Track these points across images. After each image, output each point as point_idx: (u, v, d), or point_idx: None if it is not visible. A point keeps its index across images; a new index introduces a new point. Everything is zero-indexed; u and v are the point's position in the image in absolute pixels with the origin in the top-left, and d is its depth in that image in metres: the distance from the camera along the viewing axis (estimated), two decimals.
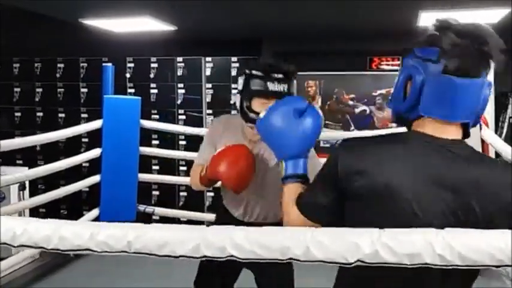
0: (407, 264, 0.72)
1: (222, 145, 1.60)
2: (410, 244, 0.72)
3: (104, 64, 3.77)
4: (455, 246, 0.71)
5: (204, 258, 0.78)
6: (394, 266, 0.72)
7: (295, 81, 1.57)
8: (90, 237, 0.79)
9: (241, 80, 1.58)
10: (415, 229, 0.75)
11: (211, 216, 4.02)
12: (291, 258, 0.75)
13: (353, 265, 0.73)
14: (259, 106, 1.52)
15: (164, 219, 4.20)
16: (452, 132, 0.91)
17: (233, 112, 3.86)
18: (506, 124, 4.22)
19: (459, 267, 0.72)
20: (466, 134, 0.94)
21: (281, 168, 1.10)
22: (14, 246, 0.81)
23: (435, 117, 0.90)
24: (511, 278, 2.79)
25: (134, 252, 0.78)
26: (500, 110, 3.96)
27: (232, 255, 0.76)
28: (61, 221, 0.84)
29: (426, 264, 0.72)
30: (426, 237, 0.73)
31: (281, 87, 1.51)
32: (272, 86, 1.50)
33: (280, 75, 1.52)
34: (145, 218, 4.15)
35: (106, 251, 0.79)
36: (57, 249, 0.80)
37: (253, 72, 1.54)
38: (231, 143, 1.58)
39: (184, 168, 4.34)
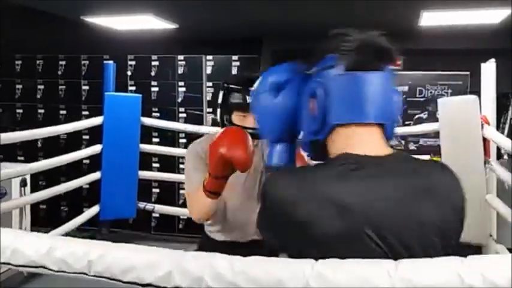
0: None
1: None
2: (433, 275, 0.60)
3: (105, 62, 3.78)
4: (488, 275, 0.60)
5: None
6: None
7: None
8: (47, 252, 0.70)
9: (220, 94, 1.58)
10: (435, 258, 0.65)
11: None
12: None
13: None
14: (239, 119, 1.51)
15: (164, 217, 4.21)
16: (374, 142, 0.83)
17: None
18: (507, 125, 4.21)
19: None
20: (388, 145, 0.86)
21: None
22: None
23: (348, 121, 0.82)
24: None
25: (94, 276, 0.68)
26: (501, 111, 3.95)
27: None
28: (18, 232, 0.75)
29: None
30: (451, 266, 0.62)
31: None
32: (249, 99, 1.46)
33: None
34: (146, 216, 4.17)
35: (63, 271, 0.70)
36: (9, 263, 0.71)
37: (231, 85, 1.55)
38: None
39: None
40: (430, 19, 3.32)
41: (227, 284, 0.64)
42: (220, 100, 1.59)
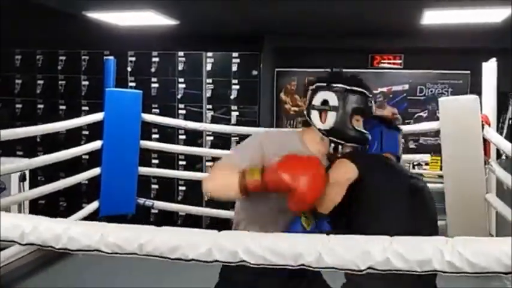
0: (417, 271, 0.73)
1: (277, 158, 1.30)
2: (420, 251, 0.73)
3: (105, 57, 3.77)
4: (464, 253, 0.71)
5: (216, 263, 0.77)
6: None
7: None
8: (100, 238, 0.79)
9: (334, 96, 1.48)
10: (425, 237, 0.77)
11: (211, 211, 4.03)
12: (302, 265, 0.75)
13: (364, 272, 0.74)
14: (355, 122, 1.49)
15: (163, 213, 4.21)
16: None
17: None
18: (506, 125, 4.21)
19: (469, 274, 0.72)
20: None
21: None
22: (22, 244, 0.80)
23: None
24: (511, 279, 2.79)
25: (145, 255, 0.78)
26: (500, 110, 3.96)
27: (243, 260, 0.76)
28: (71, 221, 0.84)
29: (435, 271, 0.72)
30: (436, 244, 0.74)
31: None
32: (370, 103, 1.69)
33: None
34: (145, 212, 4.16)
35: (116, 252, 0.78)
36: (66, 249, 0.80)
37: (353, 87, 1.52)
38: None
39: (184, 162, 4.34)
40: (432, 17, 3.32)
41: (257, 257, 0.76)
42: (336, 102, 1.45)
